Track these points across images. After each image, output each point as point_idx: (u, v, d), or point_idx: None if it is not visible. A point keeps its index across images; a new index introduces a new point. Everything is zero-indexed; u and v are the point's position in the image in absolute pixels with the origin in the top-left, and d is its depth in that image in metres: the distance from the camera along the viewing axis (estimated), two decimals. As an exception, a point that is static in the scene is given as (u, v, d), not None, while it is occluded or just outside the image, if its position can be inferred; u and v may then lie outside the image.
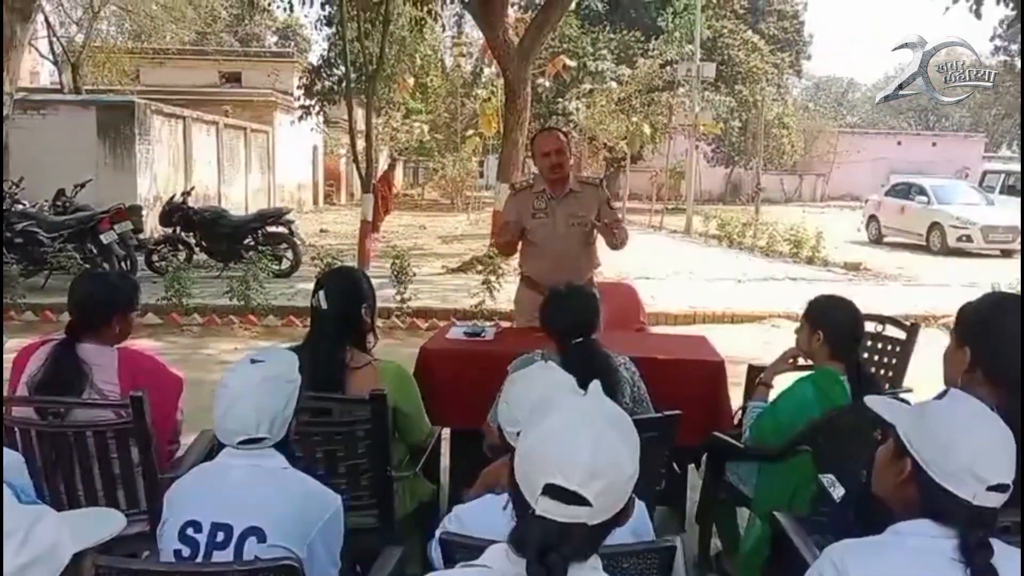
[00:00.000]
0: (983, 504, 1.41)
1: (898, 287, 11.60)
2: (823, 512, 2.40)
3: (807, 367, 3.05)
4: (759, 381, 3.19)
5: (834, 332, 2.84)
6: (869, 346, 3.86)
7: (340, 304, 2.76)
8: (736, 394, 3.65)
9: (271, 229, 11.09)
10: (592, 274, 4.28)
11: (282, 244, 10.97)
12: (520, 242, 4.28)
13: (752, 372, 3.64)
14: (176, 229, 11.16)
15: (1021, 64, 22.02)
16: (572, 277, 3.57)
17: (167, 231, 11.40)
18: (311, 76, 20.18)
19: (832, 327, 2.84)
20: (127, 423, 2.57)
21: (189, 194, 11.93)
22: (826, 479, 2.38)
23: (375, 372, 2.74)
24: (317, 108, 20.27)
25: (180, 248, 10.93)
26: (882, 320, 4.00)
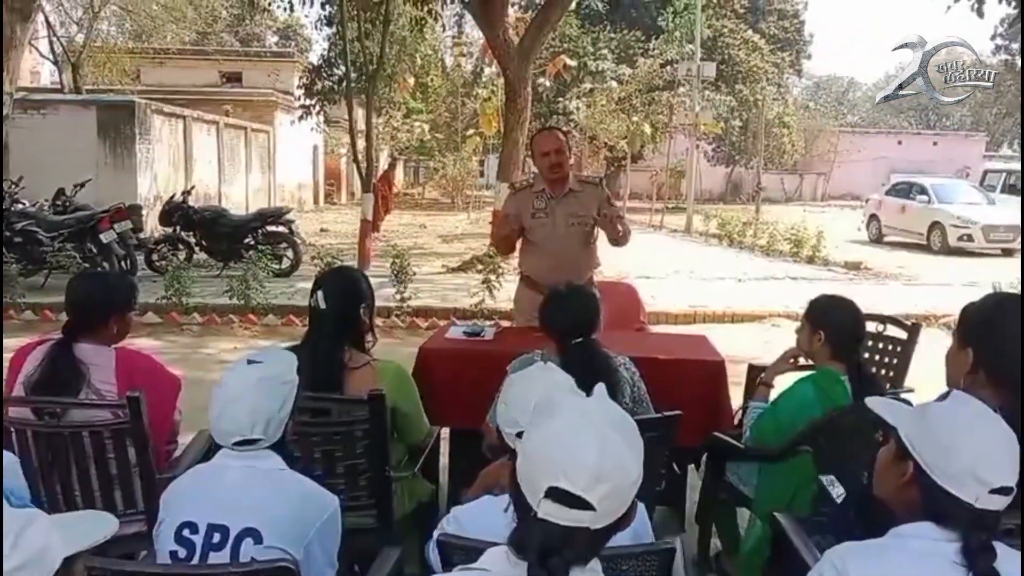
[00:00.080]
0: (986, 507, 1.40)
1: (899, 286, 11.57)
2: (823, 513, 2.39)
3: (808, 367, 3.03)
4: (760, 381, 3.18)
5: (835, 332, 2.82)
6: (870, 346, 3.85)
7: (339, 304, 2.75)
8: (736, 394, 3.64)
9: (271, 228, 11.09)
10: (592, 274, 4.27)
11: (282, 243, 10.97)
12: (519, 241, 4.26)
13: (752, 372, 3.63)
14: (176, 228, 11.16)
15: (1022, 63, 22.02)
16: (572, 277, 3.55)
17: (167, 230, 11.40)
18: (311, 76, 20.15)
19: (833, 327, 2.83)
20: (124, 423, 2.56)
21: (189, 193, 11.93)
22: (826, 479, 2.38)
23: (374, 372, 2.73)
24: (317, 108, 20.26)
25: (180, 247, 10.95)
26: (883, 320, 3.99)
